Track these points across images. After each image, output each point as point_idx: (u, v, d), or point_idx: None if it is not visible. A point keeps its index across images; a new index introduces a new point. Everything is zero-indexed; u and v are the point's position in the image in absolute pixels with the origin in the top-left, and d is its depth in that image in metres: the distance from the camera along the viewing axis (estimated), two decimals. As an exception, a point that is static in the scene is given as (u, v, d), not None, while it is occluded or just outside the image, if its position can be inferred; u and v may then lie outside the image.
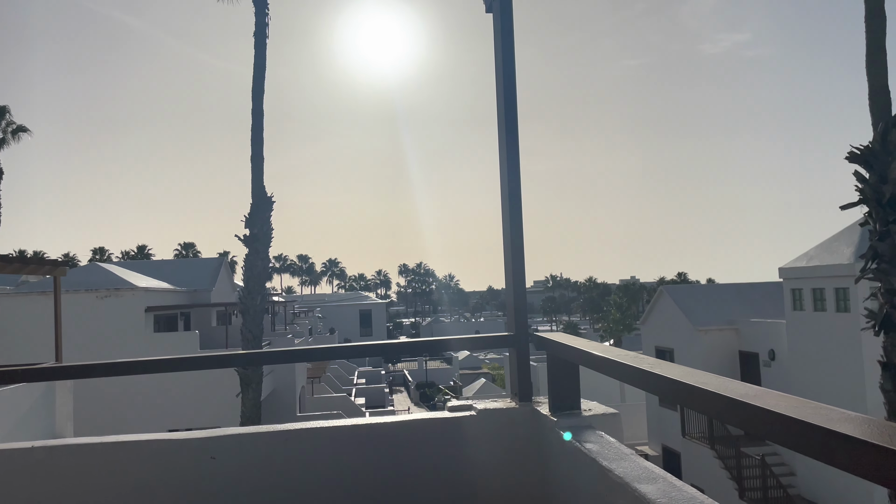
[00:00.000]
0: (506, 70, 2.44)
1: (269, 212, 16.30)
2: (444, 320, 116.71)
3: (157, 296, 23.25)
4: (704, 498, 1.43)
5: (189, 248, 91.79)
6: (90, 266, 25.95)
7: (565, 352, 2.17)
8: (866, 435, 0.89)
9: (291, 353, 2.72)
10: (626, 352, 1.84)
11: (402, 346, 2.76)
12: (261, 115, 16.29)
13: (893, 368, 9.65)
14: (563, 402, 2.23)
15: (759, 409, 1.09)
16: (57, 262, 9.93)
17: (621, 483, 1.60)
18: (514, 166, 2.43)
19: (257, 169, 16.26)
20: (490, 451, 2.33)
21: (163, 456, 2.28)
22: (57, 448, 2.29)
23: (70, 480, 2.23)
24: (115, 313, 21.25)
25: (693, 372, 1.42)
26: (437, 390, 46.17)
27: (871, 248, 9.92)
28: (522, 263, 2.44)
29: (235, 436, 2.31)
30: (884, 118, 9.92)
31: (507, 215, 2.44)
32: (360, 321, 66.26)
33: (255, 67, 16.26)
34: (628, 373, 1.65)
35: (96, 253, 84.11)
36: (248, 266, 16.32)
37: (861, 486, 16.87)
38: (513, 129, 2.43)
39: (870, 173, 9.95)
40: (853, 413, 0.99)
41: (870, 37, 10.28)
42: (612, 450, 1.83)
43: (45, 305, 17.58)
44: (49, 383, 7.67)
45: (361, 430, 2.37)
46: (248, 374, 15.76)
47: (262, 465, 2.28)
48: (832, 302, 18.51)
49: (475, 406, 2.42)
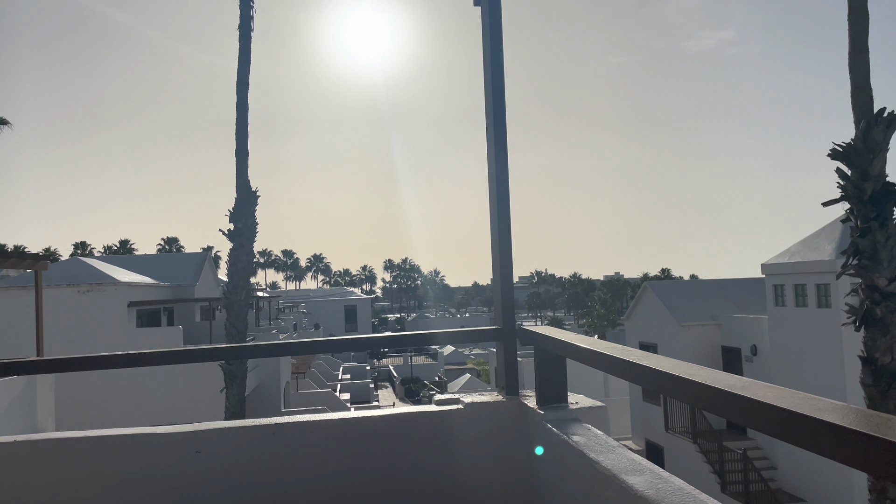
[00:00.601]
0: (494, 65, 2.42)
1: (254, 206, 16.21)
2: (429, 316, 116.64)
3: (140, 291, 23.04)
4: (691, 489, 1.44)
5: (172, 243, 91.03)
6: (72, 260, 25.67)
7: (553, 345, 2.18)
8: (853, 424, 0.89)
9: (275, 346, 2.71)
10: (613, 344, 1.84)
11: (389, 340, 2.75)
12: (245, 108, 16.18)
13: (873, 363, 9.78)
14: (550, 396, 2.24)
15: (747, 400, 1.10)
16: (38, 256, 9.82)
17: (608, 475, 1.60)
18: (502, 161, 2.43)
19: (242, 163, 16.16)
20: (477, 445, 2.33)
21: (147, 450, 2.25)
22: (39, 442, 2.26)
23: (52, 475, 2.20)
24: (98, 308, 21.03)
25: (680, 364, 1.42)
26: (422, 386, 46.21)
27: (853, 244, 10.04)
28: (510, 258, 2.44)
29: (220, 429, 2.29)
30: (865, 115, 10.02)
31: (494, 210, 2.44)
32: (346, 317, 66.12)
33: (239, 61, 16.14)
34: (616, 365, 1.66)
35: (78, 248, 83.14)
36: (232, 261, 16.22)
37: (841, 479, 17.11)
38: (500, 124, 2.42)
39: (851, 170, 10.06)
40: (839, 402, 1.00)
41: (852, 34, 10.37)
42: (599, 442, 1.84)
43: (26, 301, 17.39)
44: (30, 379, 7.58)
45: (349, 424, 2.36)
46: (232, 370, 15.68)
47: (248, 459, 2.26)
48: (813, 298, 18.72)
49: (462, 399, 2.42)
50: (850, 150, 10.02)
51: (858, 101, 10.19)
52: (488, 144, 2.46)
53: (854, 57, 10.30)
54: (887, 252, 9.78)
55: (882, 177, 9.91)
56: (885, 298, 9.75)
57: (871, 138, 9.89)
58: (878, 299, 9.78)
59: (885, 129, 9.93)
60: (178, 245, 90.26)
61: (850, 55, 10.34)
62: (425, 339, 2.77)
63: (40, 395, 7.41)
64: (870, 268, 9.82)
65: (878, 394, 9.77)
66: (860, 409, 0.96)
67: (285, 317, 39.52)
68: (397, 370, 53.06)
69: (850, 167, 10.08)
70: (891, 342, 9.75)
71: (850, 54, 10.34)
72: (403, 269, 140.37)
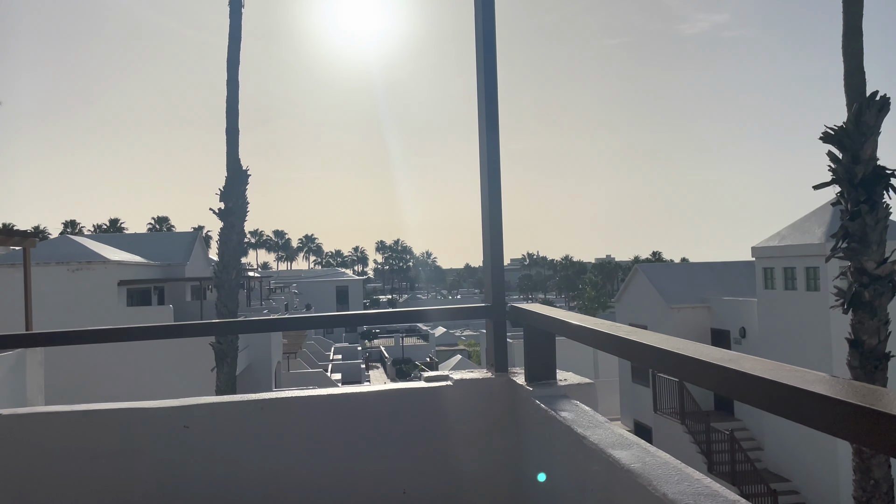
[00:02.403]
0: (486, 45, 2.40)
1: (245, 185, 16.10)
2: (420, 297, 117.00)
3: (131, 269, 22.94)
4: (678, 462, 1.45)
5: (163, 222, 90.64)
6: (61, 239, 25.51)
7: (542, 322, 2.17)
8: (840, 394, 0.89)
9: (263, 322, 2.70)
10: (602, 321, 1.84)
11: (381, 316, 2.75)
12: (236, 85, 16.01)
13: (860, 346, 9.88)
14: (539, 373, 2.24)
15: (735, 372, 1.10)
16: (26, 233, 9.75)
17: (596, 450, 1.61)
18: (494, 141, 2.42)
19: (232, 141, 16.03)
20: (466, 421, 2.34)
21: (134, 425, 2.25)
22: (27, 416, 2.25)
23: (39, 449, 2.20)
24: (87, 287, 20.94)
25: (669, 338, 1.42)
26: (413, 366, 46.41)
27: (843, 227, 10.09)
28: (500, 236, 2.43)
29: (209, 404, 2.29)
30: (858, 99, 10.02)
31: (485, 186, 2.42)
32: (337, 297, 66.16)
33: (230, 37, 15.94)
34: (605, 340, 1.66)
35: (67, 226, 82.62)
36: (222, 240, 16.14)
37: (826, 460, 17.35)
38: (493, 105, 2.41)
39: (843, 154, 10.08)
40: (826, 375, 1.00)
41: (846, 18, 10.34)
42: (587, 418, 1.84)
43: (15, 278, 17.26)
44: (20, 356, 7.56)
45: (338, 400, 2.36)
46: (223, 348, 15.67)
47: (237, 435, 2.26)
48: (802, 281, 18.85)
49: (451, 377, 2.42)
50: (842, 134, 10.04)
51: (851, 84, 10.18)
52: (480, 126, 2.44)
53: (848, 40, 10.28)
54: (876, 235, 9.84)
55: (873, 160, 9.94)
56: (874, 281, 9.82)
57: (863, 122, 9.90)
58: (866, 282, 9.85)
59: (877, 113, 9.94)
60: (169, 224, 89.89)
61: (844, 38, 10.31)
62: (416, 315, 2.77)
63: (30, 371, 7.39)
64: (859, 251, 9.88)
65: (864, 375, 9.89)
66: (847, 381, 0.96)
67: (276, 297, 39.50)
68: (389, 351, 53.25)
69: (841, 150, 10.10)
70: (878, 325, 9.84)
71: (844, 37, 10.31)
72: (395, 250, 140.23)
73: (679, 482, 1.35)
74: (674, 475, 1.38)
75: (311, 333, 43.00)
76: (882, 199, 9.96)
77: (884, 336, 9.89)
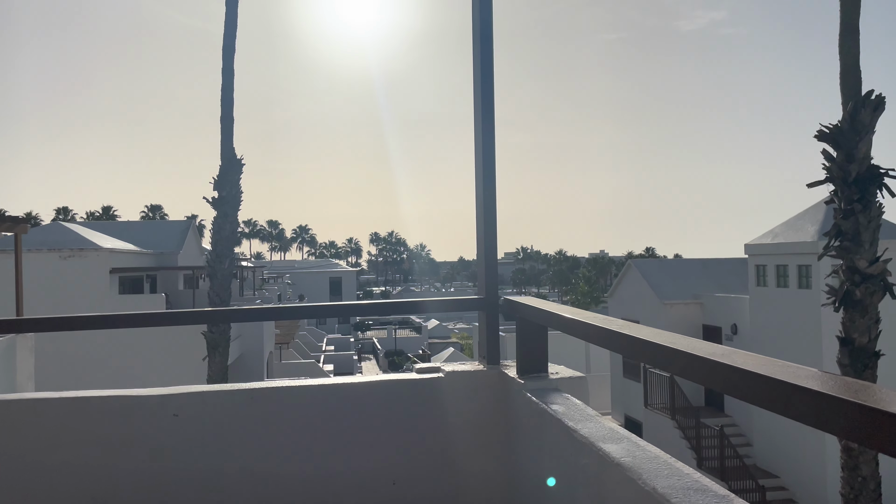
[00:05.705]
0: (483, 39, 2.40)
1: (239, 174, 16.02)
2: (414, 289, 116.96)
3: (123, 257, 22.84)
4: (668, 457, 1.45)
5: (156, 211, 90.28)
6: (53, 225, 25.36)
7: (535, 315, 2.17)
8: (831, 390, 0.89)
9: (254, 311, 2.69)
10: (595, 314, 1.84)
11: (375, 307, 2.75)
12: (231, 74, 15.92)
13: (851, 344, 9.93)
14: (531, 366, 2.24)
15: (728, 367, 1.09)
16: (18, 219, 9.68)
17: (586, 443, 1.61)
18: (489, 134, 2.41)
19: (227, 130, 15.94)
20: (457, 413, 2.34)
21: (124, 412, 2.24)
22: (15, 402, 2.24)
23: (27, 436, 2.18)
24: (79, 274, 20.83)
25: (662, 332, 1.42)
26: (405, 359, 46.44)
27: (835, 225, 10.12)
28: (494, 229, 2.43)
29: (198, 393, 2.28)
30: (854, 97, 10.04)
31: (480, 179, 2.42)
32: (331, 289, 66.04)
33: (226, 24, 15.84)
34: (598, 334, 1.66)
35: (60, 213, 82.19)
36: (216, 229, 16.07)
37: (814, 456, 17.48)
38: (489, 98, 2.41)
39: (837, 152, 10.10)
40: (817, 370, 1.00)
41: (843, 16, 10.34)
42: (578, 411, 1.85)
43: (6, 264, 17.16)
44: (10, 343, 7.52)
45: (329, 390, 2.35)
46: (215, 338, 15.63)
47: (226, 423, 2.25)
48: (794, 278, 18.93)
49: (443, 369, 2.42)
50: (837, 132, 10.05)
51: (847, 82, 10.19)
52: (475, 119, 2.44)
53: (844, 38, 10.28)
54: (869, 234, 9.88)
55: (867, 159, 9.96)
56: (865, 280, 9.87)
57: (858, 120, 9.91)
58: (857, 281, 9.89)
59: (872, 112, 9.95)
60: (162, 212, 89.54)
61: (841, 37, 10.31)
62: (410, 307, 2.76)
63: (20, 358, 7.36)
64: (851, 249, 9.92)
65: (854, 373, 9.94)
66: (838, 377, 0.96)
67: (270, 287, 39.41)
68: (381, 343, 53.25)
69: (836, 149, 10.11)
70: (869, 323, 9.89)
71: (841, 36, 10.31)
72: (389, 242, 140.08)
73: (669, 476, 1.35)
74: (664, 469, 1.38)
75: (303, 324, 42.98)
76: (875, 198, 9.99)
77: (874, 334, 9.94)
